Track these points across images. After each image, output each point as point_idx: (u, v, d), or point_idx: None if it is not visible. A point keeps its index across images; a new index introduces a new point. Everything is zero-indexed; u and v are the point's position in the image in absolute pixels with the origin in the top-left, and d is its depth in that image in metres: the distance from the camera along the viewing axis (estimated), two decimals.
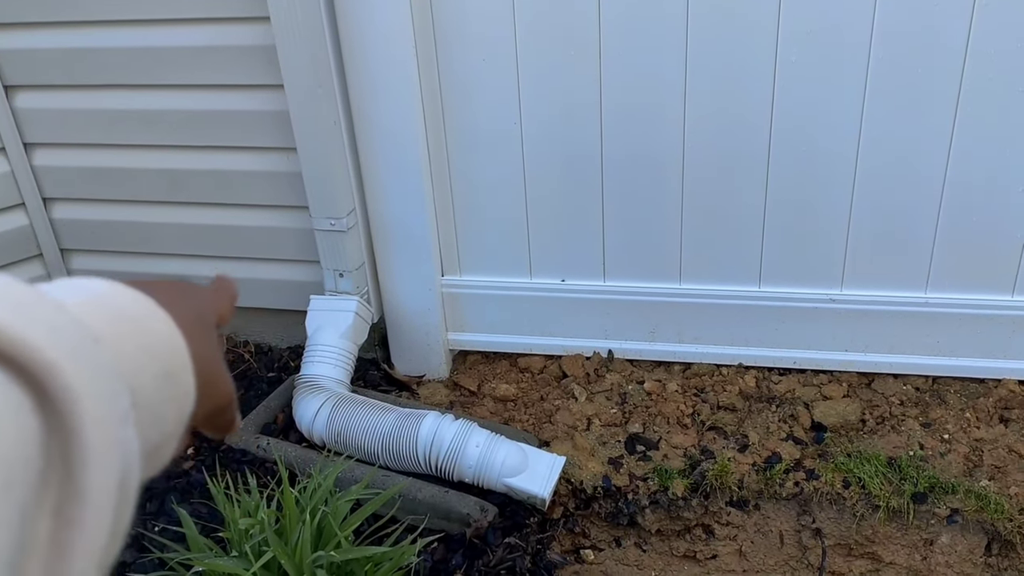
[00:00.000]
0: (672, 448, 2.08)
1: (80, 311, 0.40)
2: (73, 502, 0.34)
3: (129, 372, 0.41)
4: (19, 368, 0.34)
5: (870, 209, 2.01)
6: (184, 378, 0.46)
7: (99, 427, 0.35)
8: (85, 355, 0.37)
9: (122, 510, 0.37)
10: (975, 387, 2.15)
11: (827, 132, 1.95)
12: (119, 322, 0.43)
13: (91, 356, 0.37)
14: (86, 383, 0.35)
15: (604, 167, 2.08)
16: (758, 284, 2.16)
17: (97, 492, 0.35)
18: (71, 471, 0.34)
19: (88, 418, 0.35)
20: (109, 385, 0.38)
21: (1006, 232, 1.99)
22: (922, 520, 1.95)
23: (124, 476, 0.37)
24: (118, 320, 0.43)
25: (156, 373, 0.44)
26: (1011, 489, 1.94)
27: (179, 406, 0.46)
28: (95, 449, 0.35)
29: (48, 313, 0.36)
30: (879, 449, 2.02)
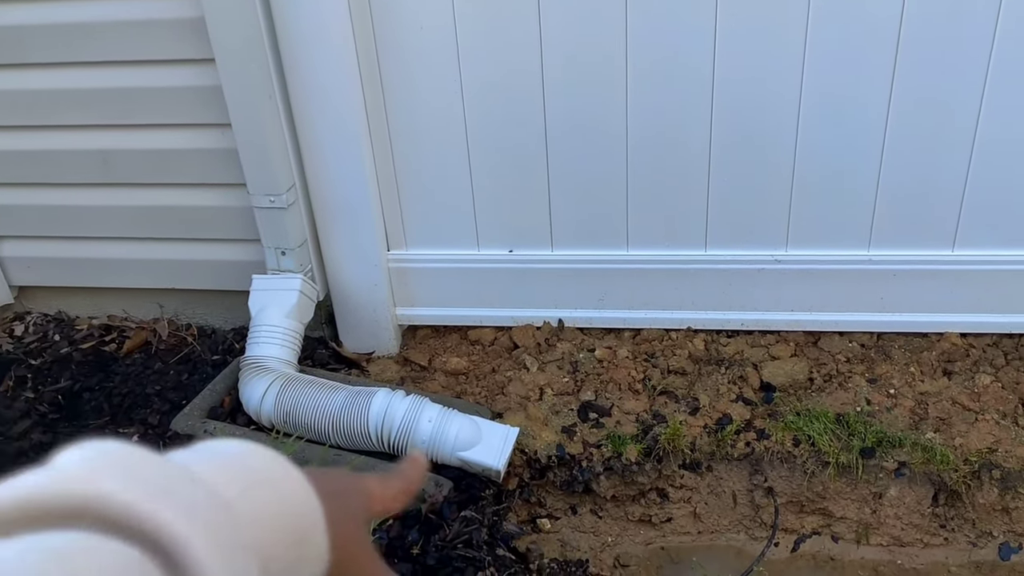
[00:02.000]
0: (624, 414, 2.08)
1: (213, 477, 0.42)
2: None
3: (260, 538, 0.43)
4: (151, 543, 0.36)
5: (812, 169, 2.02)
6: (317, 540, 0.47)
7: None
8: (215, 526, 0.38)
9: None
10: (919, 341, 2.19)
11: (768, 91, 1.94)
12: (253, 487, 0.45)
13: (221, 527, 0.39)
14: (215, 556, 0.37)
15: (548, 134, 2.06)
16: (704, 247, 2.16)
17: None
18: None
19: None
20: (238, 556, 0.39)
21: (945, 187, 2.01)
22: (871, 474, 1.98)
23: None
24: (252, 484, 0.45)
25: (289, 540, 0.45)
26: (956, 440, 1.98)
27: (311, 567, 0.47)
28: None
29: (179, 485, 0.39)
30: (827, 406, 2.05)
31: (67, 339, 2.47)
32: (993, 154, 1.95)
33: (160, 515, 0.36)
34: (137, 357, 2.38)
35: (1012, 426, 2.00)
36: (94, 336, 2.48)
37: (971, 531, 2.00)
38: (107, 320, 2.53)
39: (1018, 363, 2.13)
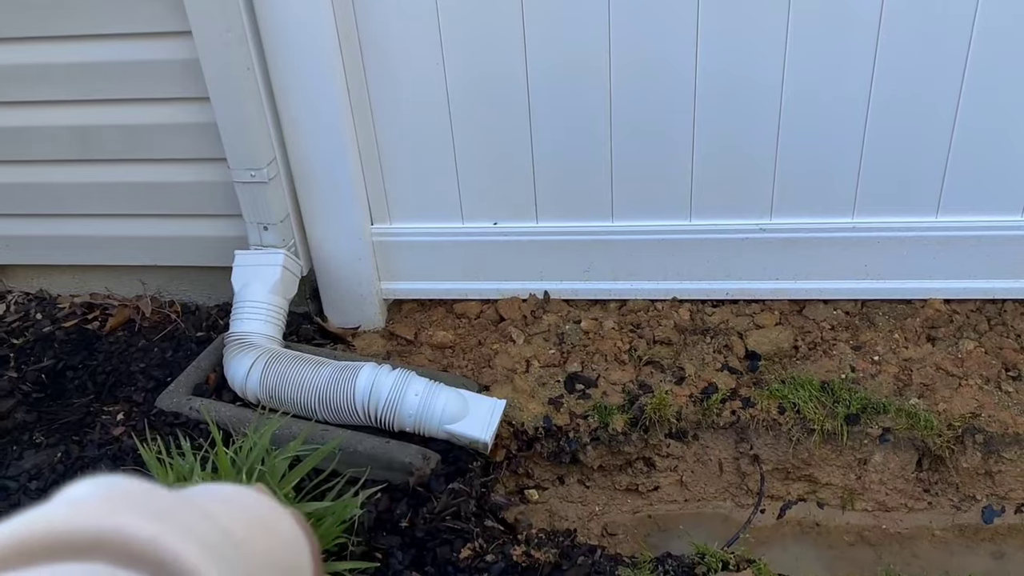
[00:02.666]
0: (611, 385, 2.09)
1: (223, 515, 0.45)
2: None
3: (259, 571, 0.47)
4: None
5: (797, 138, 2.01)
6: (304, 568, 0.52)
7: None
8: (229, 562, 0.41)
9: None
10: (903, 308, 2.19)
11: (752, 64, 1.93)
12: (252, 524, 0.48)
13: (234, 563, 0.42)
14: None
15: (531, 106, 2.04)
16: (689, 218, 2.16)
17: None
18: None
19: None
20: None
21: (928, 155, 2.01)
22: (856, 441, 2.00)
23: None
24: (251, 523, 0.49)
25: (281, 570, 0.50)
26: (939, 406, 1.99)
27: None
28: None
29: (195, 520, 0.41)
30: (812, 374, 2.06)
31: (49, 318, 2.45)
32: (975, 121, 1.95)
33: (179, 549, 0.38)
34: (120, 335, 2.36)
35: (995, 391, 2.02)
36: (76, 314, 2.46)
37: (955, 495, 2.02)
38: (89, 298, 2.51)
39: (1001, 328, 2.14)
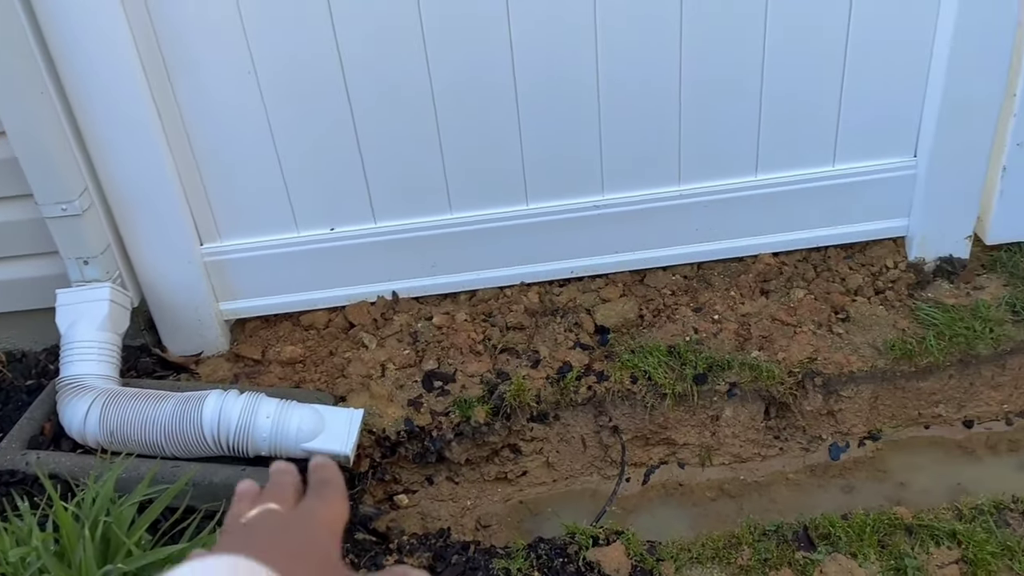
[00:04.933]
0: (468, 377, 2.08)
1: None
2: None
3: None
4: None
5: (618, 115, 2.05)
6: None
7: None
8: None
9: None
10: (736, 266, 2.29)
11: (567, 47, 1.95)
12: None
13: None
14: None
15: (352, 105, 2.00)
16: (526, 202, 2.17)
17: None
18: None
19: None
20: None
21: (741, 118, 2.09)
22: (706, 399, 2.07)
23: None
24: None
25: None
26: (779, 355, 2.09)
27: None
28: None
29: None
30: (659, 340, 2.12)
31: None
32: (780, 82, 2.04)
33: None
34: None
35: (827, 334, 2.13)
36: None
37: (803, 438, 2.13)
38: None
39: (827, 274, 2.26)
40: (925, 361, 2.07)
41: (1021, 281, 2.19)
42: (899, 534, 1.76)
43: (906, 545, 1.74)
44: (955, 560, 1.70)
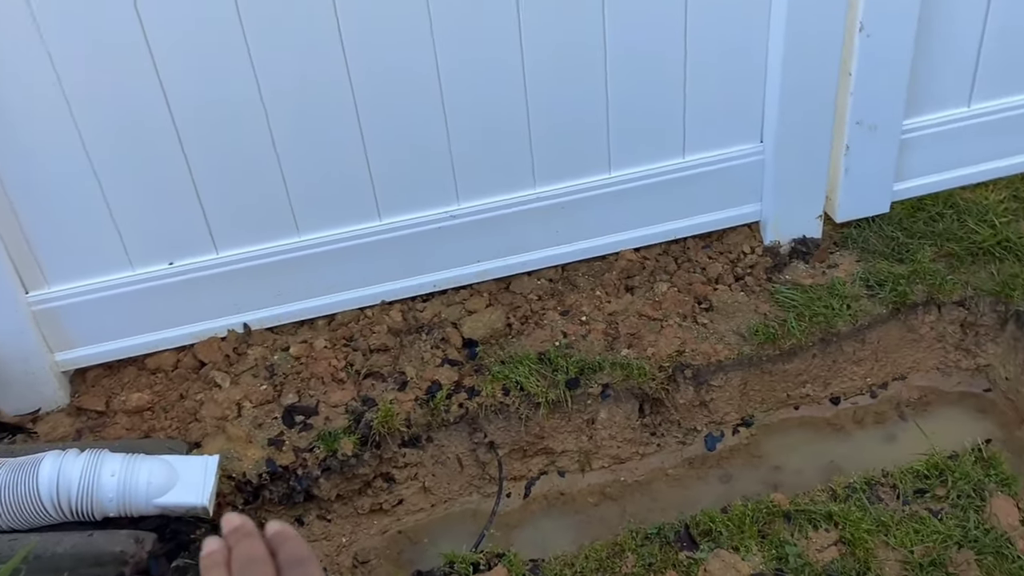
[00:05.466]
0: (332, 408, 1.97)
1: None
2: None
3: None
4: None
5: (465, 121, 1.98)
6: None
7: None
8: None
9: None
10: (599, 265, 2.26)
11: (402, 47, 1.87)
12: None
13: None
14: None
15: (178, 128, 1.85)
16: (378, 217, 2.08)
17: None
18: None
19: None
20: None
21: (591, 115, 2.05)
22: (580, 403, 2.03)
23: None
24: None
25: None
26: (648, 351, 2.07)
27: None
28: None
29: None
30: (528, 348, 2.07)
31: None
32: (624, 81, 2.01)
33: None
34: None
35: (693, 325, 2.13)
36: None
37: (679, 431, 2.12)
38: None
39: (688, 265, 2.26)
40: (788, 343, 2.09)
41: (872, 256, 2.24)
42: (778, 522, 1.76)
43: (786, 532, 1.74)
44: (834, 542, 1.71)
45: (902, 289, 2.12)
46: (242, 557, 0.65)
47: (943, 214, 2.30)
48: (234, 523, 0.69)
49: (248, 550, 0.66)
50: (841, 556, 1.68)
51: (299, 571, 0.65)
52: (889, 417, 2.14)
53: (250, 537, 0.67)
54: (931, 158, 2.28)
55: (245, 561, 0.65)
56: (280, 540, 0.67)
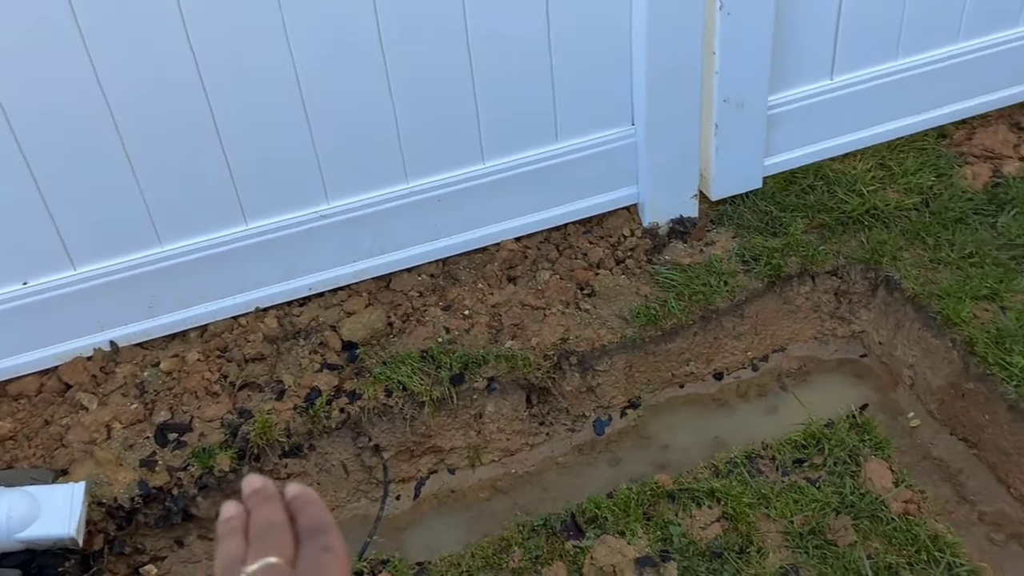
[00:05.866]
0: (207, 423, 1.90)
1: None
2: None
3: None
4: None
5: (331, 124, 1.92)
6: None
7: None
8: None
9: None
10: (480, 257, 2.23)
11: (263, 56, 1.80)
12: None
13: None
14: None
15: (18, 137, 1.75)
16: (244, 221, 2.00)
17: None
18: None
19: None
20: None
21: (461, 106, 2.01)
22: (466, 399, 2.00)
23: None
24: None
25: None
26: (532, 341, 2.05)
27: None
28: None
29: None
30: (410, 347, 2.03)
31: None
32: (489, 70, 1.98)
33: None
34: None
35: (576, 312, 2.12)
36: None
37: (567, 419, 2.11)
38: None
39: (569, 251, 2.25)
40: (670, 323, 2.10)
41: (748, 231, 2.27)
42: (663, 502, 1.77)
43: (670, 512, 1.75)
44: (717, 518, 1.72)
45: (776, 262, 2.15)
46: (259, 523, 0.63)
47: (814, 186, 2.35)
48: (254, 485, 0.66)
49: (266, 515, 0.63)
50: (724, 532, 1.70)
51: (319, 540, 0.62)
52: (771, 389, 2.17)
53: (269, 501, 0.65)
54: (799, 132, 2.32)
55: (262, 527, 0.62)
56: (299, 505, 0.65)
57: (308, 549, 0.62)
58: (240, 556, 0.61)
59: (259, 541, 0.62)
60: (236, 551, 0.61)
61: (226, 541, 0.63)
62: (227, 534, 0.63)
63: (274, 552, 0.60)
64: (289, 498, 0.66)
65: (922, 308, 2.05)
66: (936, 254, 2.14)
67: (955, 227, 2.20)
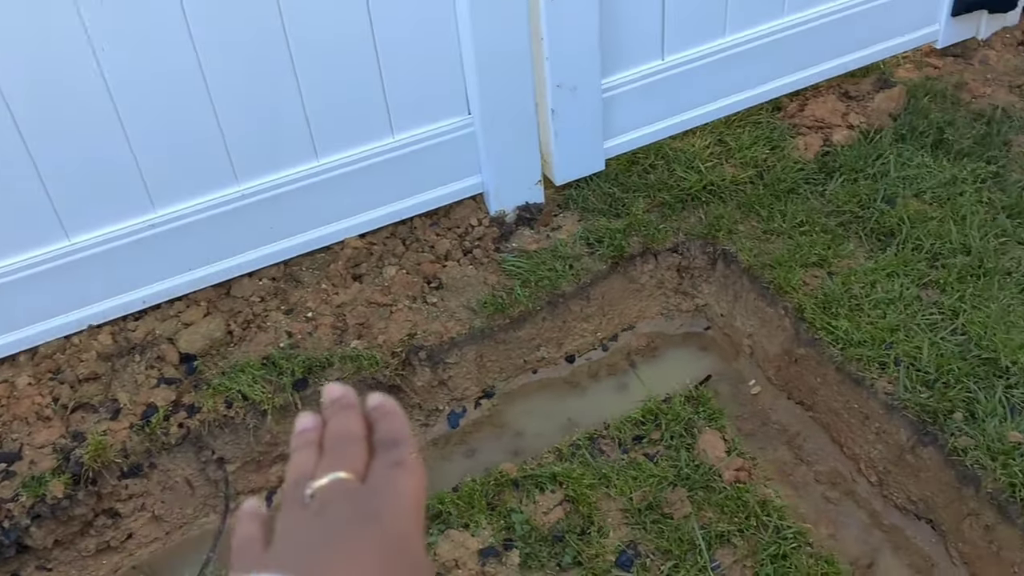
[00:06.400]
0: (38, 450, 1.82)
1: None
2: None
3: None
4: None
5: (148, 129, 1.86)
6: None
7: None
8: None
9: None
10: (324, 256, 2.19)
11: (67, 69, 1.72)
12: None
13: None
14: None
15: None
16: (66, 236, 1.92)
17: None
18: None
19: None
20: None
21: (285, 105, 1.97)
22: (311, 404, 1.97)
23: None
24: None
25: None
26: (379, 339, 2.03)
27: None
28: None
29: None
30: (251, 355, 1.99)
31: None
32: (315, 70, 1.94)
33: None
34: None
35: (423, 306, 2.11)
36: None
37: (420, 414, 2.11)
38: None
39: (416, 245, 2.24)
40: (517, 310, 2.11)
41: (592, 214, 2.30)
42: (507, 491, 1.78)
43: (514, 500, 1.76)
44: (559, 502, 1.75)
45: (618, 243, 2.18)
46: (334, 434, 0.59)
47: (655, 165, 2.39)
48: (334, 394, 0.62)
49: (342, 426, 0.60)
50: (566, 515, 1.72)
51: (392, 453, 0.57)
52: (621, 367, 2.21)
53: (347, 410, 0.61)
54: (636, 113, 2.35)
55: (335, 439, 0.59)
56: (378, 415, 0.61)
57: (380, 463, 0.58)
58: (310, 471, 0.57)
59: (330, 454, 0.58)
60: (306, 465, 0.58)
61: (297, 454, 0.59)
62: (299, 447, 0.60)
63: (344, 466, 0.56)
64: (369, 408, 0.62)
65: (756, 279, 2.12)
66: (769, 225, 2.21)
67: (787, 197, 2.27)
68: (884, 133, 2.39)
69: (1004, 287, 1.97)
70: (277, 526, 0.54)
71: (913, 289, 1.99)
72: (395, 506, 0.55)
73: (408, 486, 0.56)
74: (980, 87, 2.54)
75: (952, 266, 2.02)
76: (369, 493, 0.55)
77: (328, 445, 0.59)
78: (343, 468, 0.56)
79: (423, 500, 0.58)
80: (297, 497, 0.55)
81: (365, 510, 0.54)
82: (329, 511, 0.54)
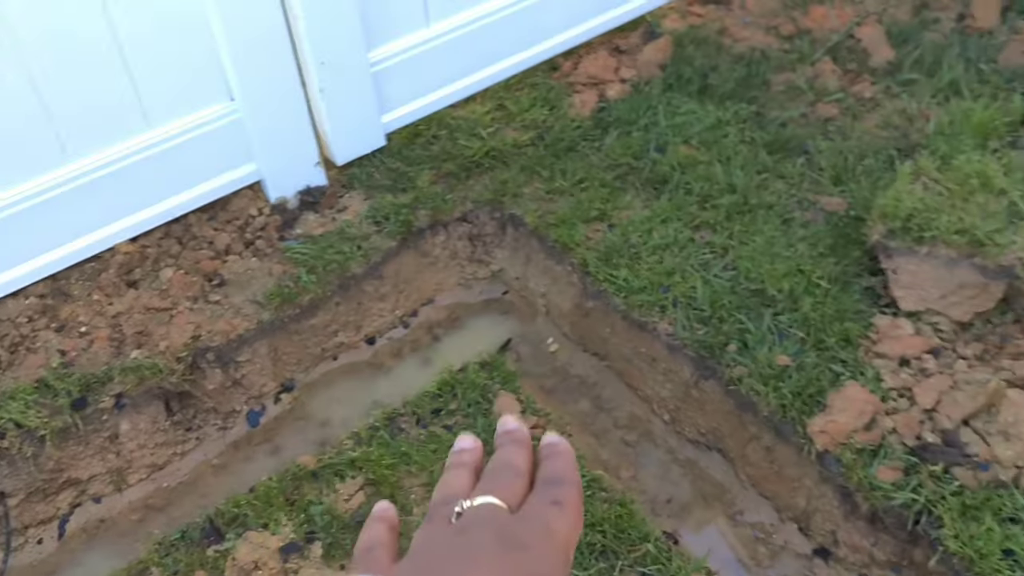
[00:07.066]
0: None
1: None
2: None
3: None
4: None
5: None
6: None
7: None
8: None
9: None
10: (94, 266, 2.07)
11: None
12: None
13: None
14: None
15: None
16: None
17: None
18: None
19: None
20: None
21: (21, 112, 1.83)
22: (94, 422, 1.87)
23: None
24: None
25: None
26: (161, 345, 1.94)
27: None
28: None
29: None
30: (22, 380, 1.85)
31: None
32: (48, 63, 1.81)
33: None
34: None
35: (206, 305, 2.03)
36: None
37: (217, 418, 2.03)
38: None
39: (194, 243, 2.14)
40: (307, 298, 2.06)
41: (378, 191, 2.26)
42: (307, 484, 1.74)
43: (314, 492, 1.72)
44: (360, 487, 1.73)
45: (405, 218, 2.16)
46: (498, 463, 0.58)
47: (438, 136, 2.37)
48: (509, 426, 0.62)
49: (510, 456, 0.58)
50: (368, 498, 1.70)
51: (553, 491, 0.56)
52: (424, 343, 2.20)
53: (517, 444, 0.59)
54: (410, 84, 2.33)
55: (499, 466, 0.58)
56: (548, 452, 0.59)
57: (538, 497, 0.56)
58: (461, 491, 0.56)
59: (488, 479, 0.57)
60: (458, 485, 0.57)
61: (451, 472, 0.59)
62: (454, 466, 0.59)
63: (499, 493, 0.55)
64: (541, 444, 0.60)
65: (543, 239, 2.15)
66: (551, 185, 2.24)
67: (567, 156, 2.31)
68: (653, 84, 2.47)
69: (768, 220, 2.08)
70: (415, 539, 0.54)
71: (686, 232, 2.07)
72: (544, 542, 0.53)
73: (562, 525, 0.55)
74: (740, 31, 2.66)
75: (720, 206, 2.11)
76: (518, 522, 0.54)
77: (490, 469, 0.58)
78: (498, 495, 0.55)
79: (574, 545, 0.56)
80: (444, 514, 0.54)
81: (510, 538, 0.52)
82: (472, 532, 0.52)
